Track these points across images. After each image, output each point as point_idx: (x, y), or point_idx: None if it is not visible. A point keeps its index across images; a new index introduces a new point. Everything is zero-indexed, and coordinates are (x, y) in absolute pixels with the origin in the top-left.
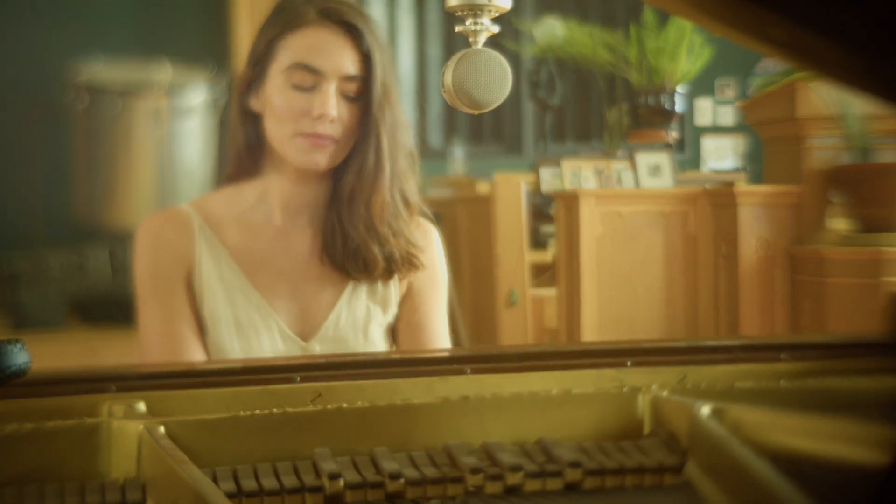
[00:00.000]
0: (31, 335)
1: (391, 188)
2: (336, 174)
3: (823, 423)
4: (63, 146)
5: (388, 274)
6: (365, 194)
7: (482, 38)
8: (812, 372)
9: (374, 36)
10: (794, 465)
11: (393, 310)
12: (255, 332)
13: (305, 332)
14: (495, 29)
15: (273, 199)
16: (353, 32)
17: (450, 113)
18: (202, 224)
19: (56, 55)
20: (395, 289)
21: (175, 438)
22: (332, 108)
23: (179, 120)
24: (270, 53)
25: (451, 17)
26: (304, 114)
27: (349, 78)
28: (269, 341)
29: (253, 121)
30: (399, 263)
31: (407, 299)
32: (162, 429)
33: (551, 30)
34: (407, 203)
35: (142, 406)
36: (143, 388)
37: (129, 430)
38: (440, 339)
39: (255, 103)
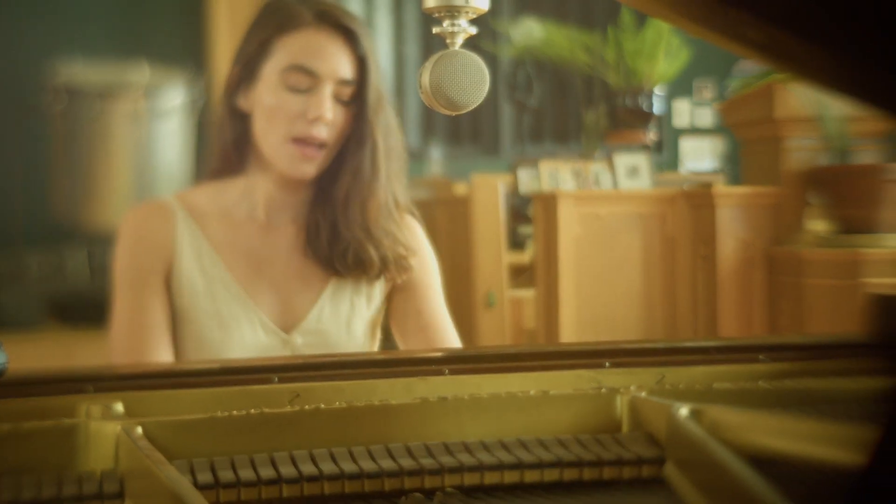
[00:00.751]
0: (8, 335)
1: (385, 191)
2: (323, 175)
3: (801, 424)
4: (41, 147)
5: (379, 275)
6: (360, 198)
7: (459, 40)
8: (790, 373)
9: (369, 40)
10: (772, 466)
11: (376, 303)
12: (236, 323)
13: (287, 325)
14: (473, 30)
15: (257, 197)
16: (350, 36)
17: (427, 114)
18: (185, 216)
19: (34, 56)
20: (379, 284)
21: (153, 439)
22: (328, 110)
23: (157, 121)
24: (263, 54)
25: (428, 19)
26: (299, 116)
27: (344, 82)
28: (251, 333)
29: (240, 120)
30: (391, 266)
31: (398, 292)
32: (139, 429)
33: (529, 31)
34: (398, 205)
35: (119, 407)
36: (120, 389)
37: (107, 430)
38: (440, 321)
39: (243, 103)
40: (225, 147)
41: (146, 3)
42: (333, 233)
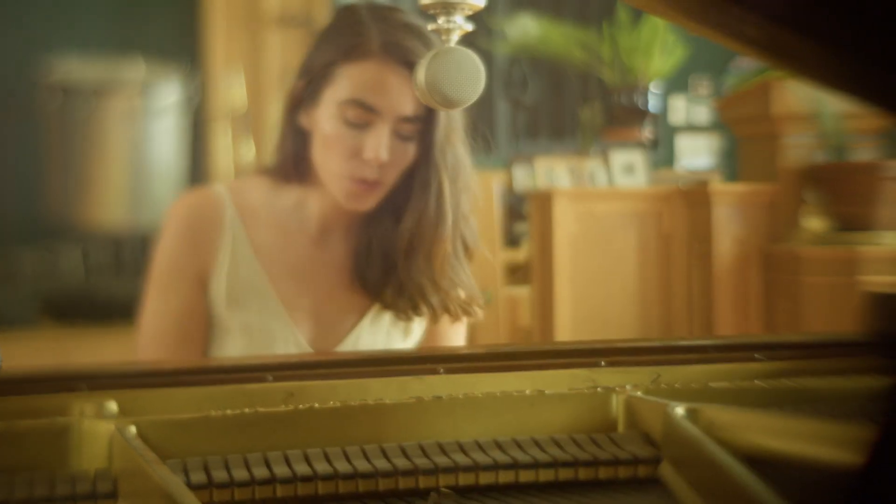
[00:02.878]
0: (1, 334)
1: (453, 236)
2: (383, 204)
3: (798, 423)
4: (36, 145)
5: (436, 319)
6: (426, 245)
7: (455, 37)
8: (786, 372)
9: None
10: (768, 465)
11: (415, 337)
12: (269, 339)
13: (322, 348)
14: (468, 27)
15: (311, 210)
16: None
17: None
18: (234, 216)
19: (29, 53)
20: (419, 319)
21: (146, 438)
22: (385, 152)
23: (153, 118)
24: (327, 77)
25: (424, 15)
26: (354, 154)
27: (406, 119)
28: (284, 351)
29: (301, 136)
30: (455, 313)
31: (430, 334)
32: (133, 429)
33: (525, 28)
34: (466, 248)
35: (113, 406)
36: (114, 388)
37: (101, 429)
38: None
39: (304, 120)
40: (285, 158)
41: (142, 0)
42: (387, 269)
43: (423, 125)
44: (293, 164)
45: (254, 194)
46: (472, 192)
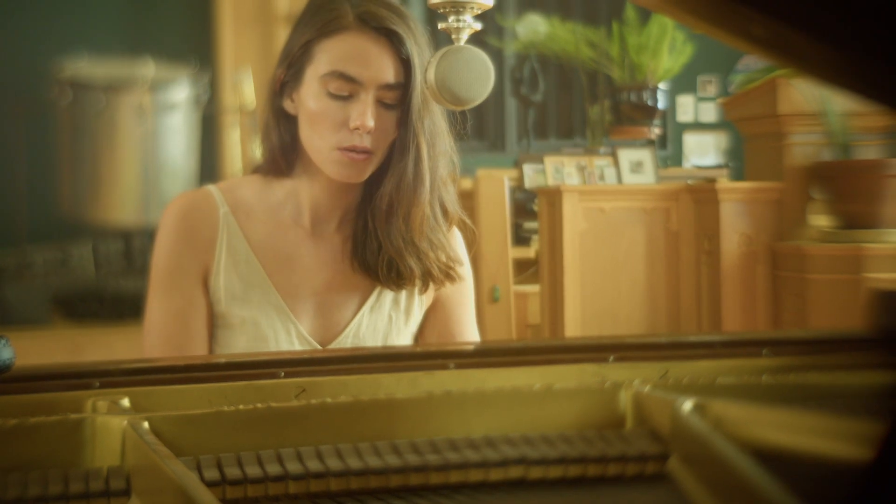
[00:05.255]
0: (14, 331)
1: (431, 199)
2: (370, 180)
3: (805, 418)
4: (47, 142)
5: (423, 286)
6: (404, 207)
7: (465, 35)
8: (793, 367)
9: (415, 40)
10: (776, 460)
11: (416, 320)
12: (272, 333)
13: (324, 339)
14: (478, 26)
15: (303, 201)
16: (393, 38)
17: None
18: (227, 214)
19: (40, 51)
20: (418, 300)
21: (159, 434)
22: (370, 119)
23: (163, 116)
24: (306, 57)
25: (433, 14)
26: (341, 125)
27: (388, 86)
28: (287, 345)
29: (287, 122)
30: (437, 277)
31: (436, 310)
32: (146, 424)
33: (534, 26)
34: (445, 213)
35: (126, 402)
36: (126, 384)
37: (113, 425)
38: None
39: (289, 105)
40: (273, 151)
41: None
42: (377, 244)
43: (402, 91)
44: (281, 153)
45: (245, 192)
46: (450, 158)
